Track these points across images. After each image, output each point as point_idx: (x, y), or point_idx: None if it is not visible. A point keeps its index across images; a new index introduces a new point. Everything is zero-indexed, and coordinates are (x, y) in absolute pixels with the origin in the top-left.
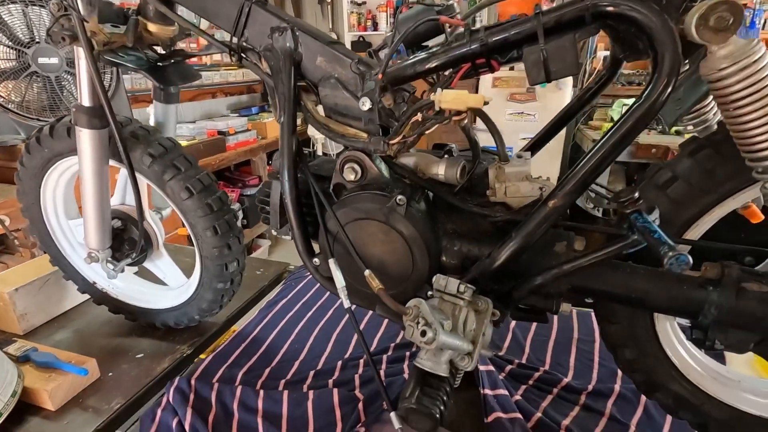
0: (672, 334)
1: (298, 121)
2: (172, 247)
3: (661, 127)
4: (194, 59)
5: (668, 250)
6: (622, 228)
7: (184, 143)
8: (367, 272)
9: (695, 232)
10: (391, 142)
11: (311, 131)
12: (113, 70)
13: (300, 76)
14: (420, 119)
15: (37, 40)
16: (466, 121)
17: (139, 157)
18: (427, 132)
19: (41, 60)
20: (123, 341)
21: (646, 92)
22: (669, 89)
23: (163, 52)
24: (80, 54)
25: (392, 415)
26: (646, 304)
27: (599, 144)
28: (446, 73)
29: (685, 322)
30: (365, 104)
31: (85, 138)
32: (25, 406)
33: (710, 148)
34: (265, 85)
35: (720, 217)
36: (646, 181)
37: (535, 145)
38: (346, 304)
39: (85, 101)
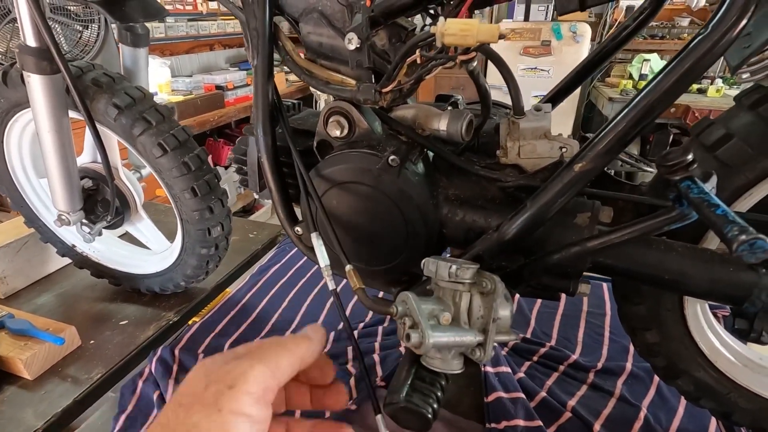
0: (702, 318)
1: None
2: (162, 207)
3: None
4: (189, 8)
5: (738, 231)
6: (665, 197)
7: (180, 98)
8: (348, 267)
9: (745, 203)
10: (384, 90)
11: None
12: (100, 19)
13: (277, 8)
14: (418, 59)
15: None
16: (475, 63)
17: (103, 108)
18: (427, 76)
19: None
20: (107, 306)
21: (716, 19)
22: (747, 15)
23: None
24: None
25: (378, 418)
26: (683, 287)
27: (647, 88)
28: (452, 1)
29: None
30: (352, 42)
31: (36, 84)
32: (2, 375)
33: None
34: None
35: None
36: (691, 140)
37: (556, 97)
38: (331, 285)
39: (30, 40)
